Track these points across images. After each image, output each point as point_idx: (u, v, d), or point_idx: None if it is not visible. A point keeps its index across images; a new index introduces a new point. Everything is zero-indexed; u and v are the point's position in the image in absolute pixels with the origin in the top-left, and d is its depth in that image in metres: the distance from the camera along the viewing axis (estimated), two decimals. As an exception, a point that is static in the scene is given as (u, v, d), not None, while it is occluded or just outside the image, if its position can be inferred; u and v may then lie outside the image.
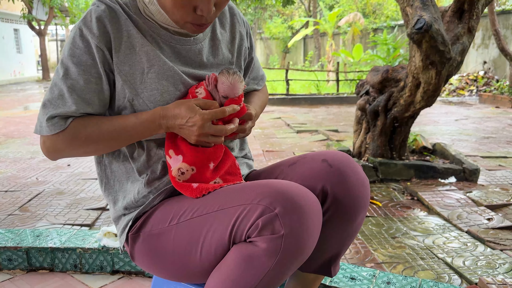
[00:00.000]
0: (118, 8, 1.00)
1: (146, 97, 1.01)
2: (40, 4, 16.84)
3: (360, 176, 1.04)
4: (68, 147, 1.01)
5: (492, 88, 10.09)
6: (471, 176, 3.21)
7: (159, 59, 1.01)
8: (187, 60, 1.07)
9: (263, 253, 0.85)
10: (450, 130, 5.80)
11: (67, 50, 0.99)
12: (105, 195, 1.15)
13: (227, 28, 1.17)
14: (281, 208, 0.85)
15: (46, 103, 1.00)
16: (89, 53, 0.98)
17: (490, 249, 2.07)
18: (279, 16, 25.28)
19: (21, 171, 3.72)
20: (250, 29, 1.28)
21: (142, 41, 1.01)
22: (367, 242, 2.18)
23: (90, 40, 0.97)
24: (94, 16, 0.98)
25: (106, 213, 2.63)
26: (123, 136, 1.01)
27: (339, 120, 6.88)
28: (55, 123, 0.99)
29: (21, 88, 14.71)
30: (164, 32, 1.04)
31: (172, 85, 1.02)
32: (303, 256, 0.89)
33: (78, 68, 0.98)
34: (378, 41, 10.32)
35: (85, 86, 0.99)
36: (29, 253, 1.82)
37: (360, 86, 3.75)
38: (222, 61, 1.14)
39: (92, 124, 1.00)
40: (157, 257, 1.02)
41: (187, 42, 1.07)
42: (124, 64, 1.00)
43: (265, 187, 0.90)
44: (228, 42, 1.16)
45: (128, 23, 1.01)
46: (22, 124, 6.62)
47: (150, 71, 1.01)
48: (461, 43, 3.06)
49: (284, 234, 0.84)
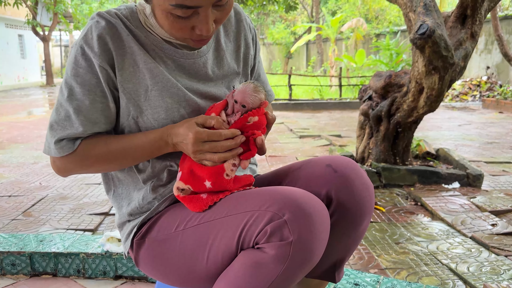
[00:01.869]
0: (119, 24, 0.99)
1: (150, 114, 1.00)
2: (44, 10, 16.97)
3: (365, 181, 1.03)
4: (78, 167, 1.02)
5: (495, 93, 10.07)
6: (475, 181, 3.20)
7: (163, 76, 1.00)
8: (192, 74, 1.05)
9: (271, 259, 0.85)
10: (453, 135, 5.79)
11: (70, 70, 0.98)
12: (111, 201, 1.15)
13: (232, 37, 1.15)
14: (290, 214, 0.85)
15: (53, 125, 0.99)
16: (93, 72, 0.97)
17: (495, 255, 2.06)
18: (282, 21, 25.37)
19: (25, 176, 3.73)
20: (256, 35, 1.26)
21: (145, 58, 1.00)
22: (371, 248, 2.17)
23: (92, 59, 0.96)
24: (95, 33, 0.96)
25: (109, 218, 2.63)
26: (132, 155, 1.01)
27: (342, 125, 6.88)
28: (64, 146, 0.99)
29: (25, 93, 14.78)
30: (167, 46, 1.03)
31: (176, 102, 1.01)
32: (311, 263, 0.88)
33: (82, 88, 0.97)
34: (380, 47, 10.33)
35: (91, 106, 0.98)
36: (33, 258, 1.82)
37: (363, 91, 3.75)
38: (228, 71, 1.12)
39: (101, 144, 1.00)
40: (163, 263, 1.01)
41: (191, 56, 1.05)
42: (128, 82, 0.99)
43: (274, 194, 0.89)
44: (233, 51, 1.14)
45: (130, 40, 0.99)
46: (25, 129, 6.64)
47: (153, 88, 1.00)
48: (464, 48, 3.06)
49: (293, 241, 0.83)
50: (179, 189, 0.98)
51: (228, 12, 0.96)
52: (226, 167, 0.96)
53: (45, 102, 11.87)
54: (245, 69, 1.17)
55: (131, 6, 1.04)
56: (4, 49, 17.43)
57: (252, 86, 1.00)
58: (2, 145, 5.29)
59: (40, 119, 7.88)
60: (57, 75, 25.67)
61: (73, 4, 18.26)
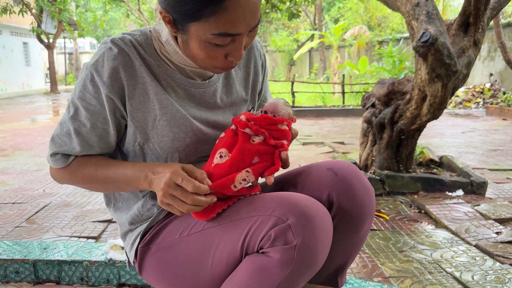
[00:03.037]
0: (132, 52, 0.98)
1: (156, 142, 1.01)
2: (49, 18, 17.11)
3: (365, 185, 1.04)
4: (69, 181, 1.07)
5: (498, 100, 10.05)
6: (479, 189, 3.19)
7: (172, 107, 1.01)
8: (201, 102, 1.06)
9: (276, 264, 0.85)
10: (457, 142, 5.78)
11: (78, 92, 0.99)
12: (111, 214, 1.16)
13: (242, 64, 1.15)
14: (294, 219, 0.86)
15: (54, 138, 1.04)
16: (98, 99, 0.98)
17: (499, 264, 2.05)
18: (285, 29, 25.46)
19: (28, 183, 3.74)
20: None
21: (156, 89, 1.00)
22: (375, 256, 2.16)
23: (100, 87, 0.96)
24: (106, 62, 0.96)
25: (112, 225, 2.63)
26: (114, 184, 1.02)
27: (345, 132, 6.88)
28: (58, 159, 1.04)
29: (29, 101, 14.86)
30: (179, 76, 1.03)
31: (183, 132, 1.02)
32: (315, 267, 0.89)
33: (86, 112, 0.99)
34: (383, 54, 10.36)
35: (91, 130, 1.00)
36: (36, 265, 1.82)
37: (366, 98, 3.76)
38: (236, 99, 1.13)
39: (90, 165, 1.03)
40: (167, 269, 1.02)
41: (201, 86, 1.06)
42: (138, 111, 1.00)
43: (277, 199, 0.91)
44: (242, 79, 1.15)
45: (142, 70, 0.99)
46: (29, 136, 6.67)
47: (162, 118, 1.00)
48: (467, 56, 3.06)
49: (297, 244, 0.84)
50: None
51: (254, 37, 0.97)
52: (236, 179, 0.92)
53: (49, 109, 11.92)
54: (253, 96, 1.18)
55: (146, 31, 1.04)
56: (9, 57, 17.56)
57: (283, 101, 1.04)
58: (6, 152, 5.31)
59: (44, 126, 7.91)
60: (61, 82, 25.81)
61: (77, 12, 18.37)
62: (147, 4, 21.03)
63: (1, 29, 16.81)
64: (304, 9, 20.33)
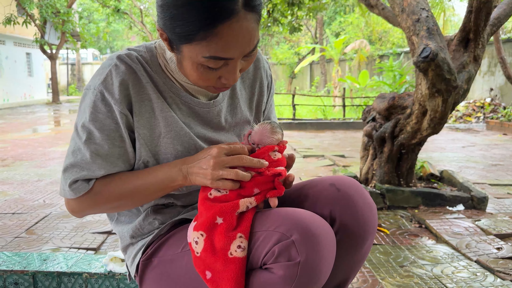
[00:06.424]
0: (139, 69, 0.99)
1: (159, 160, 1.02)
2: (52, 29, 17.26)
3: (368, 201, 1.04)
4: (94, 206, 1.02)
5: (499, 115, 10.08)
6: (479, 204, 3.18)
7: (177, 125, 1.01)
8: (205, 122, 1.07)
9: (279, 280, 0.85)
10: (457, 157, 5.78)
11: (89, 115, 0.97)
12: (113, 228, 1.16)
13: (247, 84, 1.16)
14: (297, 235, 0.86)
15: (68, 167, 0.99)
16: (112, 118, 0.97)
17: (500, 280, 2.04)
18: (286, 42, 25.64)
19: (28, 194, 3.74)
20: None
21: (162, 106, 1.00)
22: (375, 271, 2.15)
23: (113, 105, 0.96)
24: (116, 79, 0.96)
25: (112, 237, 2.63)
26: (143, 193, 1.00)
27: (345, 145, 6.89)
28: (79, 186, 0.99)
29: (31, 111, 14.91)
30: (184, 94, 1.04)
31: (186, 150, 1.03)
32: (318, 284, 0.89)
33: (101, 133, 0.97)
34: (384, 68, 10.40)
35: (110, 150, 0.98)
36: (36, 277, 1.81)
37: (366, 112, 3.77)
38: (241, 119, 1.13)
39: (115, 181, 1.00)
40: (169, 283, 1.02)
41: (206, 105, 1.06)
42: (144, 127, 1.00)
43: (281, 215, 0.91)
44: (247, 99, 1.15)
45: (148, 87, 0.99)
46: (30, 146, 6.68)
47: (166, 136, 1.01)
48: (467, 71, 3.08)
49: (300, 261, 0.84)
50: (195, 242, 0.93)
51: (252, 61, 0.97)
52: (241, 205, 0.92)
53: (50, 120, 11.96)
54: (257, 116, 1.18)
55: (151, 47, 1.04)
56: (12, 67, 17.66)
57: (269, 127, 1.00)
58: (7, 162, 5.32)
59: (45, 137, 7.93)
60: (63, 92, 25.91)
61: (80, 24, 18.57)
62: (150, 17, 21.22)
63: (4, 39, 16.94)
64: (306, 23, 20.49)
